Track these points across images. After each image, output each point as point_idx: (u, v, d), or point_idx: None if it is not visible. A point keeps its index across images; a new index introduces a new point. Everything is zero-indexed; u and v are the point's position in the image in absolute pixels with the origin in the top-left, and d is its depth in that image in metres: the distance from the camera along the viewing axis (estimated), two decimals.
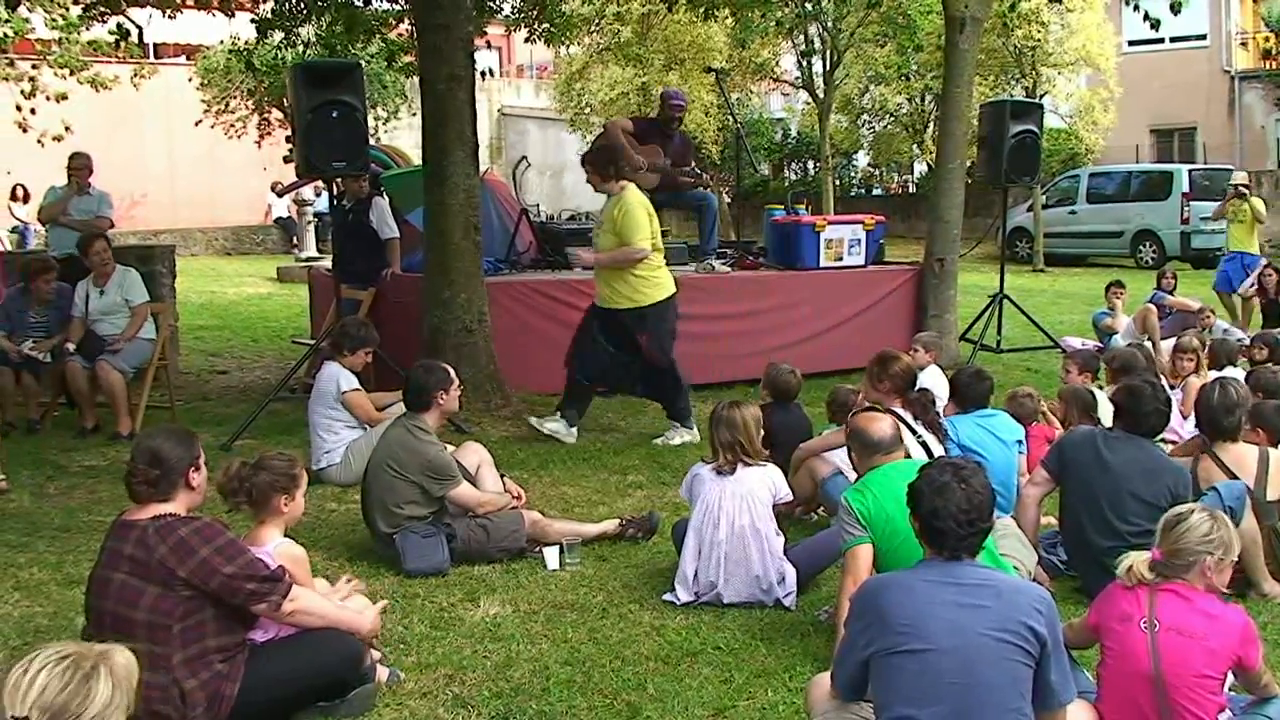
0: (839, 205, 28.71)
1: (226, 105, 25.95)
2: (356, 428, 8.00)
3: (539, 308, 10.51)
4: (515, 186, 13.12)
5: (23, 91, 18.84)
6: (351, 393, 7.93)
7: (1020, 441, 6.82)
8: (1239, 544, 4.13)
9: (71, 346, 9.39)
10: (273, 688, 4.23)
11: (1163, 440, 8.24)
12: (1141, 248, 25.16)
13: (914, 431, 5.90)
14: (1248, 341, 11.39)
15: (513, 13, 15.84)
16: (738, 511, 5.71)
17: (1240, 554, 5.52)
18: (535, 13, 15.55)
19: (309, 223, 25.05)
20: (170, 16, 13.50)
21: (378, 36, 14.87)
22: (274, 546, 4.54)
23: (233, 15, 14.29)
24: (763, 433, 6.00)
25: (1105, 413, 7.04)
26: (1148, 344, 10.59)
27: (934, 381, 8.31)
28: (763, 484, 5.80)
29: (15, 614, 5.64)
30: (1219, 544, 4.01)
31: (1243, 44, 33.92)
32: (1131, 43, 30.02)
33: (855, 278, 12.13)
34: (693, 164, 11.97)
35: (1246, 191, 15.39)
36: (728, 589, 5.70)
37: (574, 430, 9.06)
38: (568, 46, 23.55)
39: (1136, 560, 4.12)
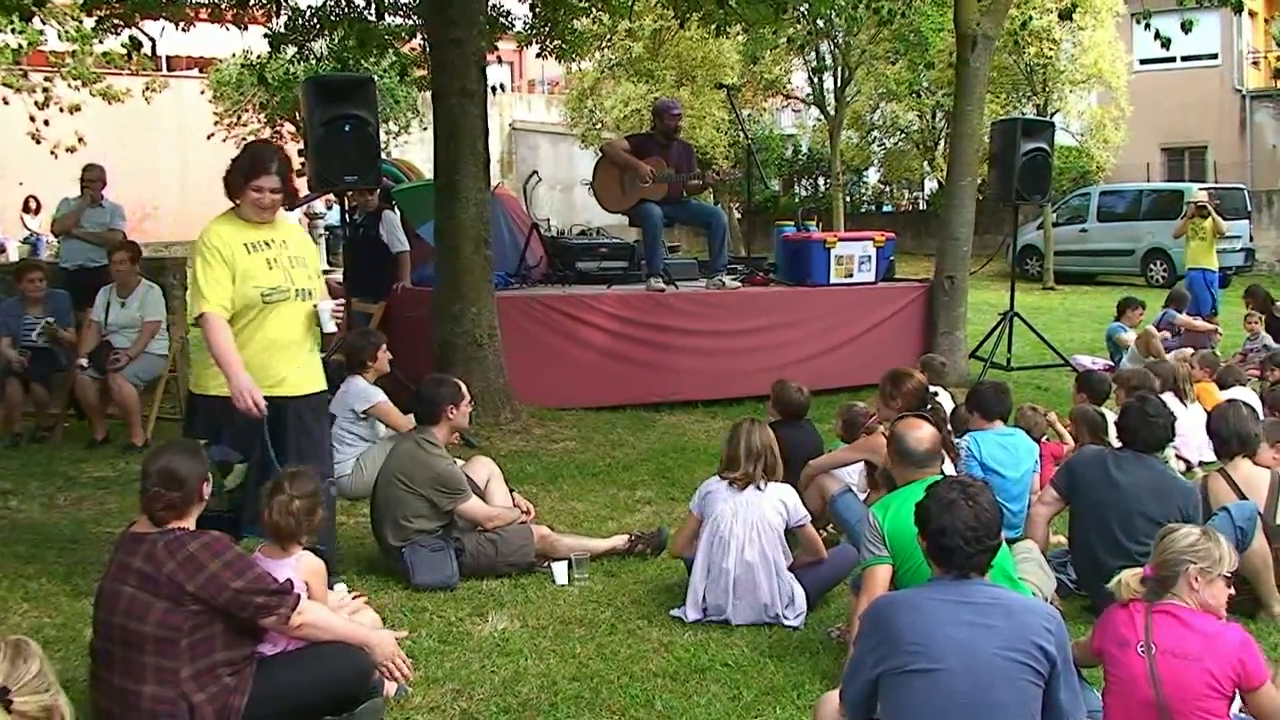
0: (849, 222, 28.70)
1: (238, 118, 26.03)
2: (370, 440, 7.99)
3: (549, 322, 10.52)
4: (526, 201, 13.16)
5: (36, 103, 18.91)
6: (381, 403, 7.80)
7: (1036, 461, 6.82)
8: (1233, 560, 4.10)
9: (84, 362, 9.39)
10: (280, 701, 4.22)
11: (1178, 456, 8.30)
12: (1152, 266, 25.11)
13: None
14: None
15: (524, 28, 15.88)
16: (747, 539, 5.69)
17: (1250, 575, 5.55)
18: (547, 28, 15.59)
19: (320, 236, 25.09)
20: (183, 30, 13.56)
21: (390, 51, 14.92)
22: (297, 559, 4.54)
23: (245, 29, 14.35)
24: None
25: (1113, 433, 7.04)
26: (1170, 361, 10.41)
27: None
28: (774, 509, 5.77)
29: (24, 625, 5.64)
30: (1204, 554, 3.99)
31: (1254, 63, 33.90)
32: (1143, 61, 29.97)
33: (865, 294, 12.13)
34: (696, 168, 11.95)
35: (1208, 208, 15.34)
36: (736, 614, 5.70)
37: None
38: (579, 62, 23.60)
39: (1127, 575, 4.13)
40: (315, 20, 13.68)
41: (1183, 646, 3.88)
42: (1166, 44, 12.03)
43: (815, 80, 28.93)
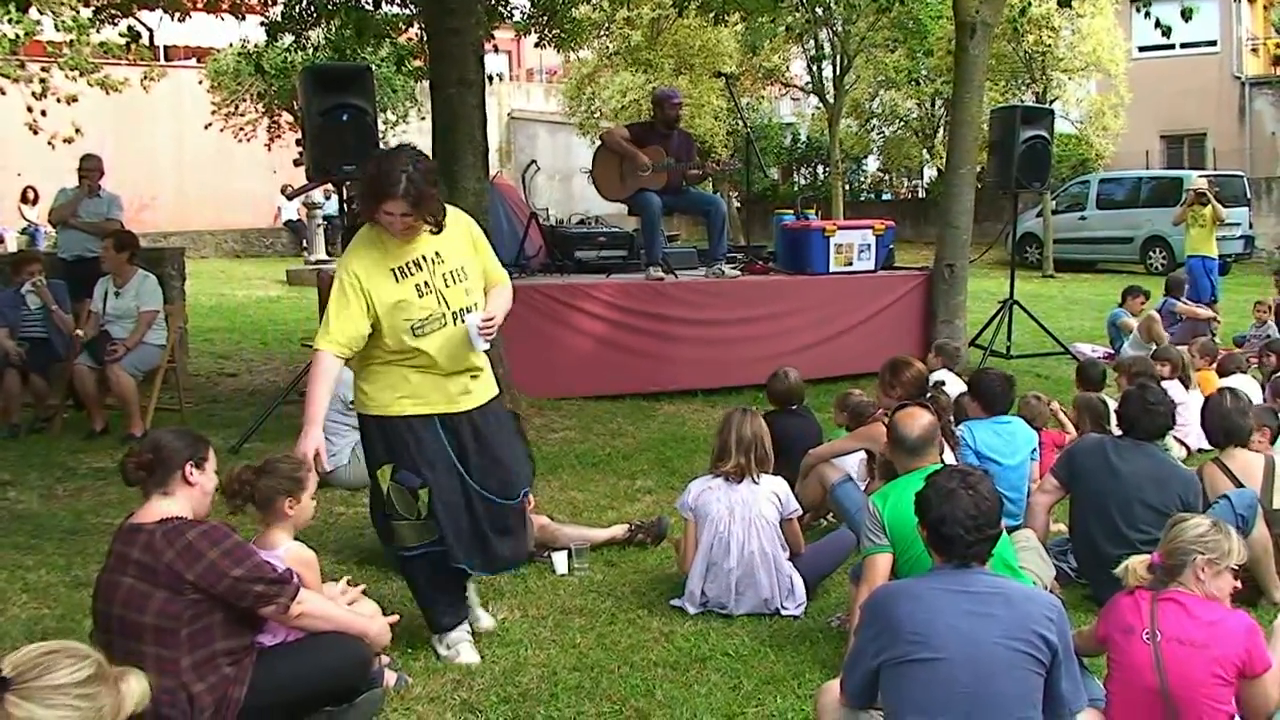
0: (848, 210, 28.65)
1: (236, 108, 25.97)
2: None
3: (548, 312, 10.50)
4: (525, 190, 13.13)
5: (34, 93, 18.87)
6: None
7: (1034, 450, 6.80)
8: (1242, 554, 4.09)
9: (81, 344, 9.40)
10: (280, 691, 4.22)
11: (1178, 441, 8.30)
12: (1151, 254, 25.10)
13: None
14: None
15: (523, 18, 15.83)
16: (747, 536, 5.68)
17: (1251, 563, 5.54)
18: (545, 18, 15.55)
19: (318, 226, 25.08)
20: (180, 19, 13.52)
21: (387, 40, 14.88)
22: (284, 550, 4.53)
23: (243, 18, 14.31)
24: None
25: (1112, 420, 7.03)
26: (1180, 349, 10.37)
27: (952, 387, 8.36)
28: (769, 502, 5.76)
29: (23, 616, 5.64)
30: (1214, 546, 3.99)
31: (1253, 50, 33.83)
32: (1142, 48, 29.95)
33: (864, 283, 12.11)
34: (696, 157, 11.92)
35: (1208, 195, 15.35)
36: (737, 608, 5.71)
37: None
38: (577, 51, 23.56)
39: (1135, 562, 4.12)
40: (312, 9, 13.63)
41: (1188, 634, 3.88)
42: (1166, 31, 11.99)
43: (814, 68, 28.85)
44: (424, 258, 4.93)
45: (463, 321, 4.93)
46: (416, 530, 5.01)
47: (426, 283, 4.91)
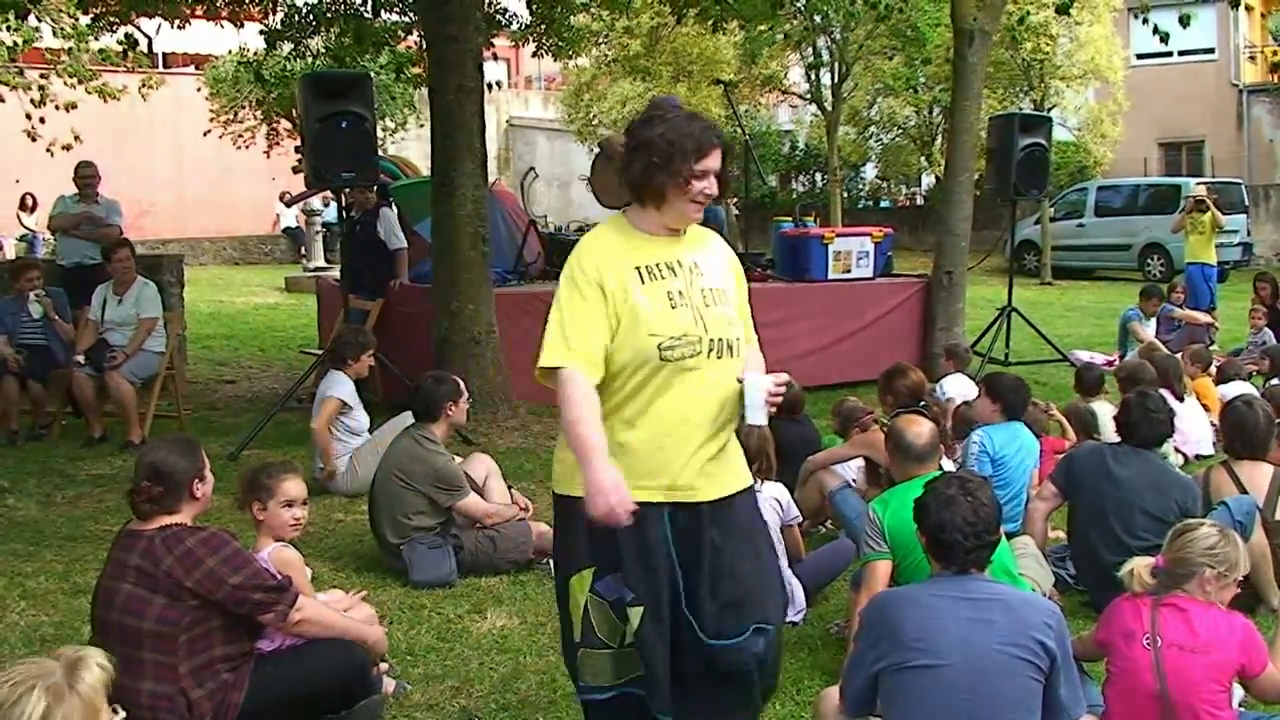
0: (847, 217, 28.66)
1: (235, 115, 25.97)
2: (361, 435, 7.99)
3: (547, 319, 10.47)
4: (523, 197, 13.14)
5: (32, 100, 18.87)
6: (329, 399, 7.86)
7: (1037, 456, 6.81)
8: (1247, 564, 4.11)
9: (81, 359, 9.38)
10: (279, 698, 4.21)
11: (1176, 450, 8.30)
12: (1149, 261, 25.10)
13: None
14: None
15: (520, 28, 15.83)
16: None
17: (1249, 570, 5.54)
18: (544, 26, 15.55)
19: (317, 233, 25.09)
20: (179, 27, 13.54)
21: (386, 48, 14.88)
22: (267, 552, 4.52)
23: (241, 26, 14.32)
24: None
25: (1109, 428, 7.02)
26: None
27: (961, 390, 8.39)
28: (771, 508, 5.75)
29: (22, 623, 5.63)
30: (1223, 559, 3.99)
31: (1251, 58, 33.92)
32: (1140, 56, 29.99)
33: (863, 290, 12.12)
34: None
35: (1207, 202, 15.34)
36: None
37: None
38: (576, 59, 23.59)
39: (1139, 565, 4.11)
40: (311, 17, 13.65)
41: (1188, 639, 3.89)
42: (1165, 38, 11.99)
43: (812, 76, 28.89)
44: (679, 262, 3.67)
45: (729, 356, 3.74)
46: (617, 663, 3.64)
47: (681, 292, 3.62)
